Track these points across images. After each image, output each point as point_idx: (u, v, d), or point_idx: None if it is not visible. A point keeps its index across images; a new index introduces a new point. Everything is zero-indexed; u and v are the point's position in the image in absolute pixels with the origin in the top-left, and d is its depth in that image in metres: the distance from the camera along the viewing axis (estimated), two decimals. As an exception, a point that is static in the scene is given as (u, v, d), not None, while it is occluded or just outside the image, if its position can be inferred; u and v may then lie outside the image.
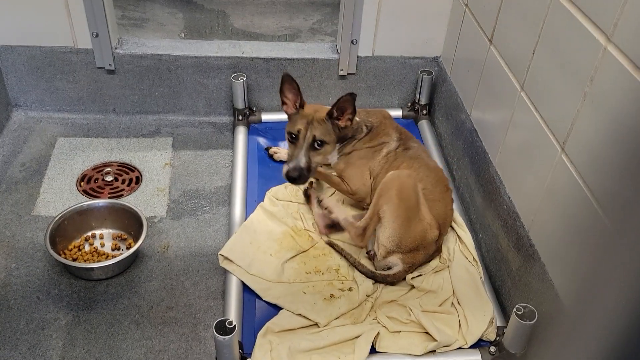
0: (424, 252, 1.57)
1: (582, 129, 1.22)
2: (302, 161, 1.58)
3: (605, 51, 1.13)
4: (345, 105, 1.60)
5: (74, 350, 1.45)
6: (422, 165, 1.68)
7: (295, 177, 1.58)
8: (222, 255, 1.64)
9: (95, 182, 1.94)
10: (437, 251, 1.64)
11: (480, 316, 1.50)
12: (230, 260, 1.62)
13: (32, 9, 1.97)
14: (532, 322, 1.33)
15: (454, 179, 1.98)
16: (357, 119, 1.70)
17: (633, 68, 1.05)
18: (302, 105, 1.63)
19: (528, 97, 1.46)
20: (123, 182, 1.95)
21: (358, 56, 2.16)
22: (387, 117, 1.81)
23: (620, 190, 1.08)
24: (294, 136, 1.60)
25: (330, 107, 1.62)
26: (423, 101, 2.23)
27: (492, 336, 1.47)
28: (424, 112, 2.25)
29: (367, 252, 1.65)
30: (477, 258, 1.67)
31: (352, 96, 1.56)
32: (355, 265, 1.61)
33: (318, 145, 1.60)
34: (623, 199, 1.07)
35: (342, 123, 1.64)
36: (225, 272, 1.62)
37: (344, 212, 1.69)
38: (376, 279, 1.58)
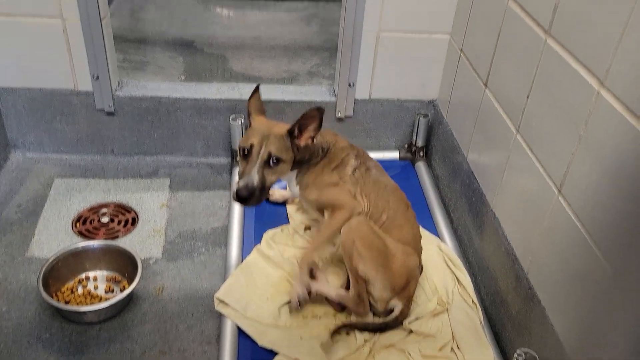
0: (413, 282, 1.55)
1: (579, 171, 1.22)
2: (255, 179, 1.44)
3: (599, 95, 1.15)
4: (309, 121, 1.49)
5: (63, 397, 1.40)
6: (383, 189, 1.62)
7: (245, 197, 1.43)
8: (218, 298, 1.61)
9: (91, 223, 1.93)
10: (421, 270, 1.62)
11: (480, 362, 1.46)
12: (226, 304, 1.59)
13: (35, 51, 2.01)
14: (533, 368, 1.30)
15: (452, 221, 1.98)
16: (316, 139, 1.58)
17: (626, 112, 1.06)
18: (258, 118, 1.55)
19: (524, 140, 1.48)
20: (119, 223, 1.94)
21: (355, 99, 2.18)
22: (336, 134, 1.73)
23: (618, 233, 1.08)
24: (246, 151, 1.48)
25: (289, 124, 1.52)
26: (420, 143, 2.25)
27: (493, 383, 1.44)
28: (421, 154, 2.26)
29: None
30: (476, 301, 1.64)
31: (319, 111, 1.46)
32: (366, 328, 1.52)
33: (273, 162, 1.48)
34: (621, 242, 1.07)
35: (302, 142, 1.52)
36: (220, 316, 1.60)
37: (333, 289, 1.60)
38: (388, 326, 1.53)
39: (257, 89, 1.59)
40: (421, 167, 2.23)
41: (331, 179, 1.61)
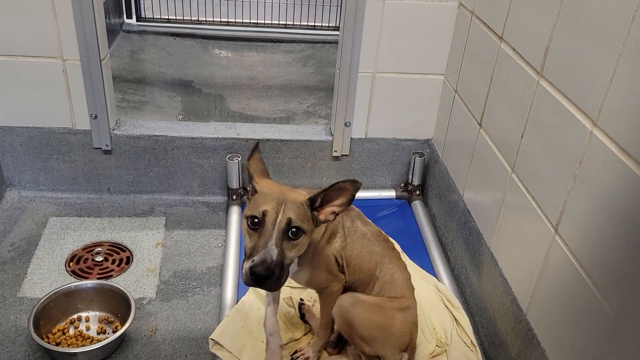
0: (415, 331, 1.49)
1: (575, 210, 1.22)
2: (274, 253, 1.13)
3: (592, 135, 1.16)
4: (338, 193, 1.22)
5: None
6: (368, 240, 1.47)
7: (264, 276, 1.11)
8: (213, 340, 1.58)
9: (84, 262, 1.91)
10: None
11: (480, 406, 1.43)
12: (221, 345, 1.56)
13: (34, 91, 2.03)
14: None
15: (449, 260, 1.96)
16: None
17: (619, 151, 1.07)
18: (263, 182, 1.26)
19: (519, 179, 1.48)
20: (113, 262, 1.92)
21: (351, 138, 2.20)
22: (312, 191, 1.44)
23: (616, 273, 1.07)
24: (257, 220, 1.17)
25: (302, 190, 1.28)
26: (416, 182, 2.26)
27: None
28: (417, 192, 2.27)
29: None
30: (475, 342, 1.62)
31: (353, 185, 1.20)
32: None
33: (293, 233, 1.17)
34: (620, 282, 1.06)
35: (322, 215, 1.24)
36: (214, 358, 1.56)
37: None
38: None
39: (256, 147, 1.32)
40: (417, 206, 2.23)
41: (326, 256, 1.40)
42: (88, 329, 1.66)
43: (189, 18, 3.78)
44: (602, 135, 1.13)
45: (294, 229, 1.17)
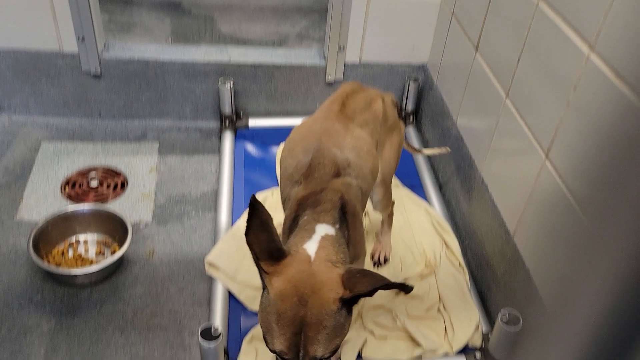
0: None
1: (566, 136, 1.23)
2: None
3: (588, 60, 1.15)
4: (362, 286, 0.91)
5: (57, 357, 1.43)
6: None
7: None
8: (209, 262, 1.63)
9: (80, 186, 1.92)
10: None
11: (466, 322, 1.50)
12: (217, 267, 1.61)
13: (18, 12, 1.96)
14: (516, 327, 1.34)
15: (440, 186, 1.99)
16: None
17: (615, 76, 1.06)
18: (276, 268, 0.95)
19: (513, 105, 1.48)
20: (108, 187, 1.94)
21: (345, 63, 2.16)
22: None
23: (602, 196, 1.09)
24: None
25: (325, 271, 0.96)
26: (410, 108, 2.25)
27: (477, 342, 1.48)
28: (411, 118, 2.26)
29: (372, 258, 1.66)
30: (463, 264, 1.68)
31: (406, 289, 0.94)
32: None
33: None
34: (604, 204, 1.08)
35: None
36: (211, 279, 1.61)
37: None
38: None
39: (254, 208, 0.95)
40: (411, 131, 2.23)
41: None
42: (87, 251, 1.70)
43: None
44: (598, 60, 1.12)
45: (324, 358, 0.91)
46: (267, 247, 0.94)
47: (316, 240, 1.03)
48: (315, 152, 1.17)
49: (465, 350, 1.46)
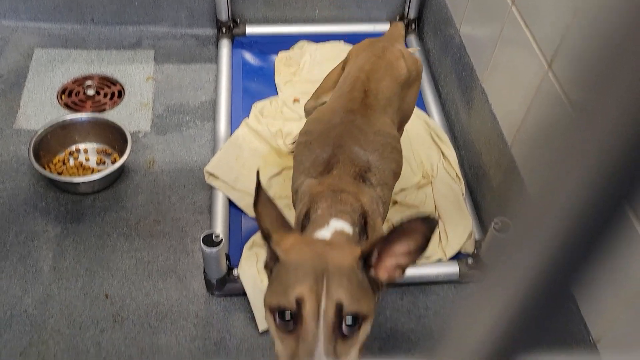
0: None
1: (571, 46, 1.20)
2: None
3: (600, -36, 1.10)
4: (408, 237, 0.81)
5: (65, 261, 1.48)
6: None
7: None
8: (208, 172, 1.65)
9: (76, 95, 1.90)
10: None
11: (460, 231, 1.55)
12: (216, 176, 1.63)
13: None
14: (508, 234, 1.38)
15: (440, 96, 1.98)
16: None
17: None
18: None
19: (519, 12, 1.43)
20: (105, 95, 1.92)
21: (346, -34, 2.07)
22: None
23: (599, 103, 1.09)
24: (290, 316, 0.78)
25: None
26: (412, 15, 2.17)
27: (470, 249, 1.53)
28: (413, 26, 2.20)
29: None
30: (460, 174, 1.70)
31: (429, 224, 0.80)
32: None
33: (349, 325, 0.78)
34: (598, 109, 1.08)
35: (383, 274, 0.84)
36: (211, 188, 1.64)
37: None
38: None
39: (260, 185, 0.87)
40: (412, 40, 2.18)
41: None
42: (87, 160, 1.72)
43: None
44: (610, -35, 1.07)
45: (351, 319, 0.78)
46: (277, 220, 0.86)
47: (329, 231, 0.95)
48: (336, 149, 1.09)
49: (458, 256, 1.52)
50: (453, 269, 1.49)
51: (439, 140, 1.79)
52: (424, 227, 0.80)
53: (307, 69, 1.98)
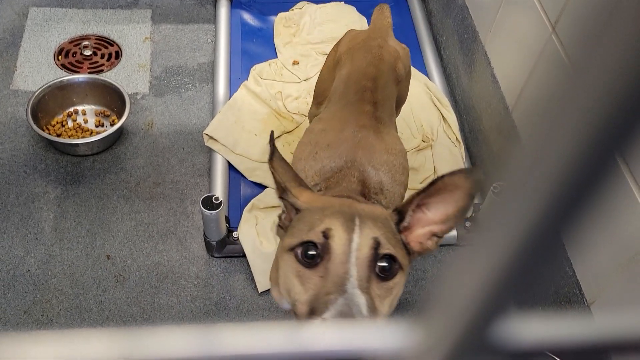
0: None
1: (576, 7, 1.18)
2: (360, 302, 0.65)
3: None
4: (447, 197, 0.73)
5: (66, 222, 1.50)
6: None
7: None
8: (207, 135, 1.64)
9: (73, 56, 1.88)
10: None
11: (458, 194, 1.55)
12: (215, 140, 1.63)
13: None
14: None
15: (442, 59, 1.95)
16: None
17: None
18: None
19: (524, -27, 1.40)
20: (102, 56, 1.89)
21: None
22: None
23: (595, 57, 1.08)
24: (313, 250, 0.70)
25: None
26: (415, -25, 2.13)
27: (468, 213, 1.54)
28: (415, -13, 2.15)
29: None
30: (459, 138, 1.70)
31: (472, 179, 0.71)
32: None
33: (385, 268, 0.70)
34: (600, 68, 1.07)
35: (414, 243, 0.77)
36: (210, 151, 1.64)
37: None
38: None
39: (274, 144, 0.81)
40: (414, 2, 2.14)
41: None
42: (86, 122, 1.71)
43: None
44: None
45: (385, 259, 0.69)
46: (293, 177, 0.79)
47: None
48: (348, 162, 1.01)
49: (456, 220, 1.53)
50: (451, 232, 1.50)
51: (440, 103, 1.77)
52: (468, 182, 0.69)
53: (307, 30, 1.95)
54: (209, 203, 1.32)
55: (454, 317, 0.18)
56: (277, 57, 1.89)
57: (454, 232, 1.49)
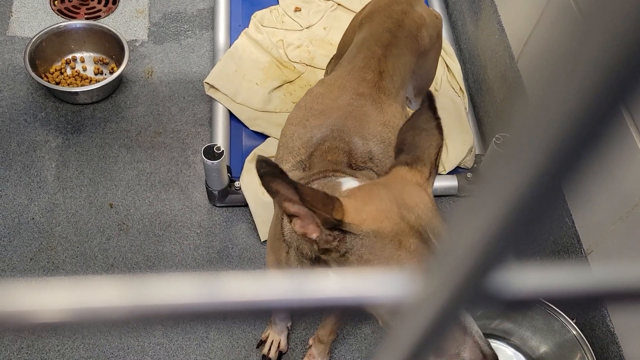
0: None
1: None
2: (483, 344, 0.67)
3: None
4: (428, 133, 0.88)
5: (68, 171, 1.50)
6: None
7: None
8: (208, 83, 1.62)
9: (69, 1, 1.83)
10: None
11: (459, 145, 1.55)
12: (216, 89, 1.61)
13: None
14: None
15: (447, 5, 1.91)
16: None
17: None
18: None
19: None
20: (99, 2, 1.85)
21: None
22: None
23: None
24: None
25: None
26: None
27: (469, 164, 1.54)
28: None
29: None
30: (463, 88, 1.68)
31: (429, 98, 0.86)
32: None
33: None
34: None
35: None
36: (211, 100, 1.63)
37: None
38: None
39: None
40: (420, -55, 2.06)
41: None
42: (85, 69, 1.69)
43: None
44: None
45: None
46: (323, 199, 0.70)
47: (351, 184, 0.82)
48: (333, 132, 0.96)
49: (457, 170, 1.53)
50: (452, 182, 1.50)
51: (444, 52, 1.74)
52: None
53: (309, -25, 1.89)
54: (211, 153, 1.32)
55: (453, 266, 0.19)
56: (278, 3, 1.84)
57: (454, 183, 1.50)
